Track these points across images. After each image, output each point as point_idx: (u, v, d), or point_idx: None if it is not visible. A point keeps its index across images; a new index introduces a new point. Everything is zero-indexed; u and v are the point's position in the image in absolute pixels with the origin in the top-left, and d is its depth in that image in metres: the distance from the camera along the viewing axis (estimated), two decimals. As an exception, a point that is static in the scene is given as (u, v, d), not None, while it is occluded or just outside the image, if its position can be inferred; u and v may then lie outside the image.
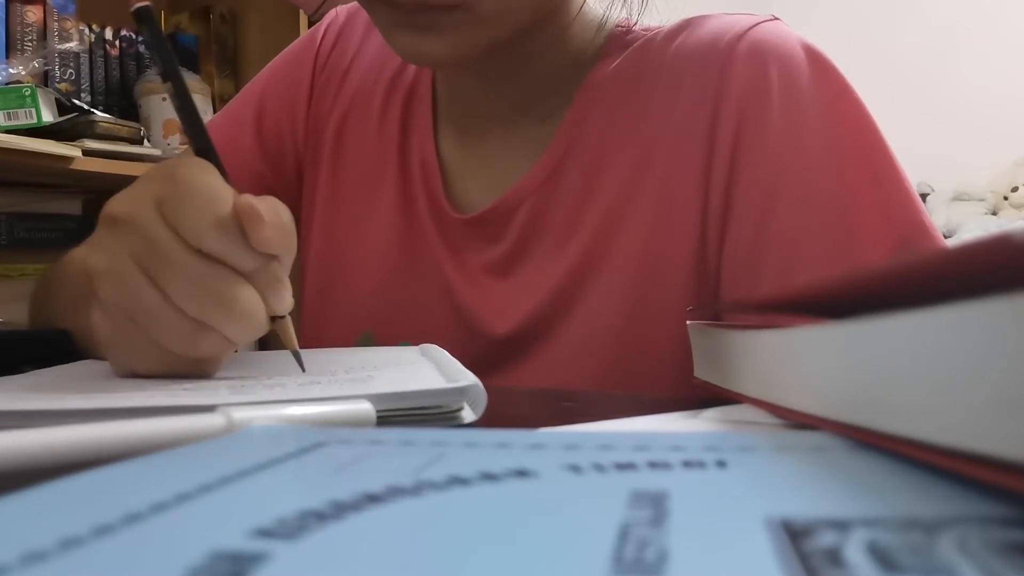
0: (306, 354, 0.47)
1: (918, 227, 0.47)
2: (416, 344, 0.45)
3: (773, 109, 0.49)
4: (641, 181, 0.51)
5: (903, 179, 0.48)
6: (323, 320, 0.62)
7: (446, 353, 0.38)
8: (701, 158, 0.50)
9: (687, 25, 0.55)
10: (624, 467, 0.16)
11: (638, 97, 0.53)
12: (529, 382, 0.52)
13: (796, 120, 0.48)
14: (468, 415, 0.28)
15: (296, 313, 0.66)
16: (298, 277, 0.66)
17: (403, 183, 0.60)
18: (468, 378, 0.29)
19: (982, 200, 2.92)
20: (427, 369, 0.34)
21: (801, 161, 0.48)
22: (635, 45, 0.55)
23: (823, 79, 0.49)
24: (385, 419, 0.26)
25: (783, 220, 0.47)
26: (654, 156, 0.51)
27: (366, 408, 0.25)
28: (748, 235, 0.48)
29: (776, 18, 0.53)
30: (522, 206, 0.55)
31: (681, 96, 0.51)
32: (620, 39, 0.56)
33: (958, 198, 2.94)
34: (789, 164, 0.48)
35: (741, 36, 0.51)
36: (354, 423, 0.24)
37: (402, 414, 0.27)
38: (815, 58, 0.50)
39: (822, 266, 0.46)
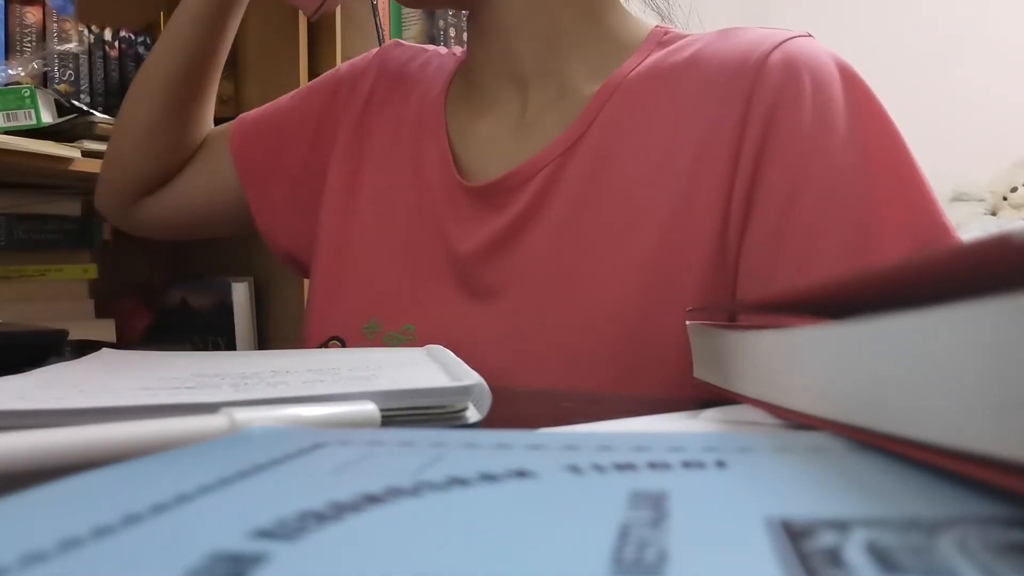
0: (312, 354, 0.47)
1: (939, 228, 0.48)
2: (420, 330, 0.45)
3: (804, 112, 0.50)
4: (665, 170, 0.52)
5: (926, 185, 0.50)
6: (332, 300, 0.63)
7: (451, 354, 0.38)
8: (728, 153, 0.51)
9: (725, 33, 0.57)
10: (624, 467, 0.16)
11: (668, 90, 0.55)
12: (538, 360, 0.52)
13: (825, 124, 0.50)
14: (473, 415, 0.28)
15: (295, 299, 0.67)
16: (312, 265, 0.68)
17: (417, 153, 0.63)
18: (473, 377, 0.29)
19: (981, 200, 2.93)
20: (432, 369, 0.34)
21: (827, 160, 0.49)
22: (672, 46, 0.58)
23: (853, 91, 0.51)
24: (390, 419, 0.26)
25: (804, 213, 0.48)
26: (681, 147, 0.52)
27: (370, 409, 0.25)
28: (769, 228, 0.49)
29: (810, 34, 0.55)
30: (535, 179, 0.56)
31: (713, 94, 0.53)
32: (658, 38, 0.59)
33: (958, 198, 2.94)
34: (815, 162, 0.49)
35: (777, 46, 0.53)
36: (359, 424, 0.24)
37: (406, 414, 0.27)
38: (846, 72, 0.52)
39: (839, 261, 0.47)
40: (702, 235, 0.50)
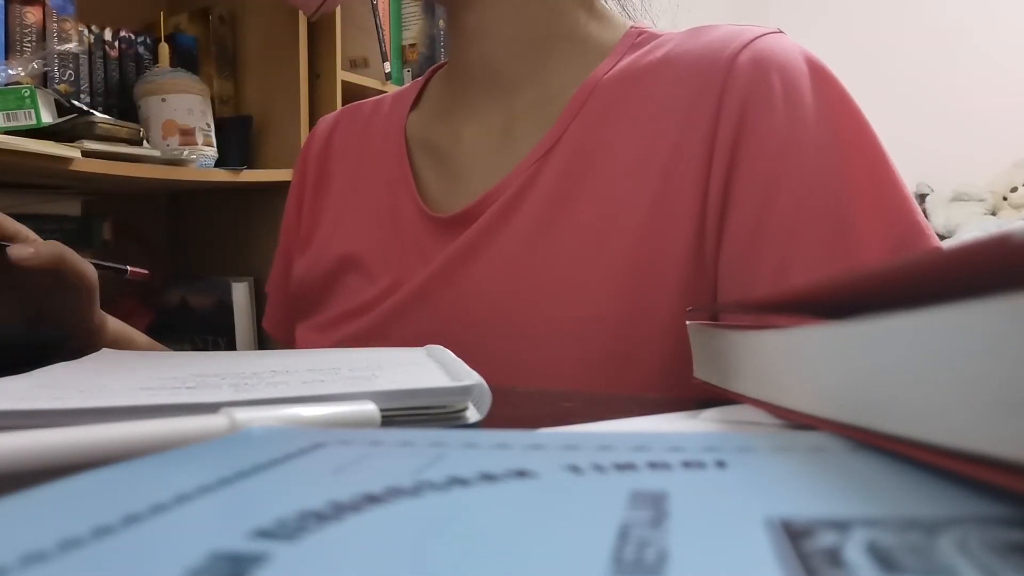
0: (312, 354, 0.47)
1: (913, 226, 0.48)
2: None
3: (775, 112, 0.50)
4: (640, 171, 0.52)
5: (900, 182, 0.50)
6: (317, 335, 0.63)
7: (451, 353, 0.38)
8: (702, 153, 0.51)
9: (696, 32, 0.56)
10: (624, 467, 0.16)
11: (641, 91, 0.55)
12: (516, 369, 0.51)
13: (797, 122, 0.49)
14: (473, 415, 0.28)
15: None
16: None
17: (388, 184, 0.63)
18: (473, 377, 0.29)
19: (981, 200, 2.93)
20: (432, 369, 0.34)
21: (801, 157, 0.49)
22: (646, 47, 0.57)
23: (823, 87, 0.51)
24: (390, 419, 0.26)
25: (780, 213, 0.48)
26: (655, 148, 0.52)
27: (371, 409, 0.25)
28: (746, 228, 0.49)
29: (780, 31, 0.54)
30: (509, 189, 0.55)
31: (684, 94, 0.53)
32: (632, 39, 0.59)
33: (957, 198, 2.94)
34: (789, 160, 0.49)
35: (746, 45, 0.52)
36: (359, 424, 0.24)
37: (406, 414, 0.27)
38: (815, 68, 0.52)
39: (817, 259, 0.47)
40: (679, 237, 0.50)
